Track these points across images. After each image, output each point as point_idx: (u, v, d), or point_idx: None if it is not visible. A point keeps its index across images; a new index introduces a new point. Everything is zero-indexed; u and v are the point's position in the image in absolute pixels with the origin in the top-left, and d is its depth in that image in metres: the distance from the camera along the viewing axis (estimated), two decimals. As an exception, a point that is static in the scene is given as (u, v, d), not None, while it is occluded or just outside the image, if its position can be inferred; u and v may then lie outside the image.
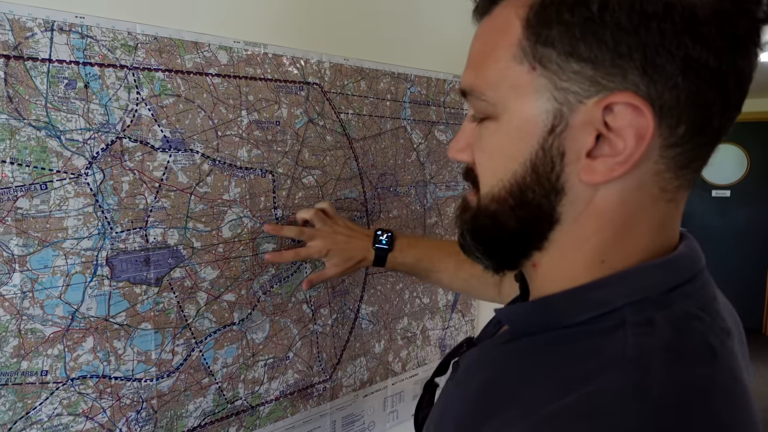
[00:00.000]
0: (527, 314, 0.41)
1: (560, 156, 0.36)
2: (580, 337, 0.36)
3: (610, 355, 0.33)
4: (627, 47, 0.32)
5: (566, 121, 0.35)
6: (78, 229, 0.65)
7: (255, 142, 0.80)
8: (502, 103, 0.37)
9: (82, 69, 0.64)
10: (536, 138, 0.36)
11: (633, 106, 0.33)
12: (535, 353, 0.38)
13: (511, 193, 0.38)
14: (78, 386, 0.66)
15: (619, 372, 0.32)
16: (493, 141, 0.39)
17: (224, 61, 0.76)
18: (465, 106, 1.16)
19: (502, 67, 0.37)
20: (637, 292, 0.35)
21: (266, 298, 0.84)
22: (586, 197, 0.36)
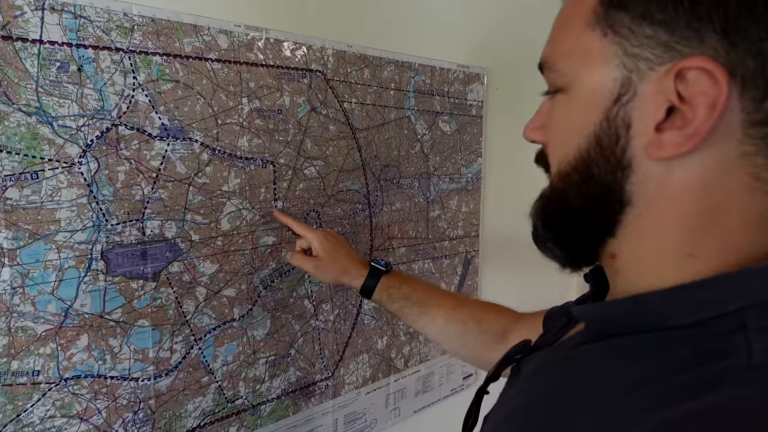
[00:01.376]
0: (616, 313, 0.36)
1: (626, 128, 0.33)
2: (687, 340, 0.31)
3: (731, 363, 0.28)
4: (706, 7, 0.29)
5: (634, 89, 0.32)
6: (71, 221, 0.61)
7: (256, 131, 0.77)
8: (573, 74, 0.35)
9: (75, 51, 0.60)
10: (602, 108, 0.34)
11: (707, 71, 0.30)
12: (627, 356, 0.34)
13: (576, 168, 0.35)
14: (72, 386, 0.63)
15: (743, 381, 0.27)
16: (562, 113, 0.37)
17: (224, 46, 0.72)
18: (470, 94, 1.13)
19: (576, 36, 0.35)
20: (759, 294, 0.30)
21: (267, 293, 0.81)
22: (658, 177, 0.33)
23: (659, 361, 0.31)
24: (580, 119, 0.35)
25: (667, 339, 0.32)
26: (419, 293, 0.76)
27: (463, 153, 1.14)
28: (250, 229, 0.78)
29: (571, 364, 0.38)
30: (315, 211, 0.86)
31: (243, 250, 0.77)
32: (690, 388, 0.28)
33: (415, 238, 1.05)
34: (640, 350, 0.33)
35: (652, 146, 0.32)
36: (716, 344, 0.30)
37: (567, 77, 0.36)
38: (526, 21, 1.29)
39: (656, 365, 0.31)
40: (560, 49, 0.37)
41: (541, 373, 0.41)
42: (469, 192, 1.17)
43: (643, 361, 0.32)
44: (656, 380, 0.30)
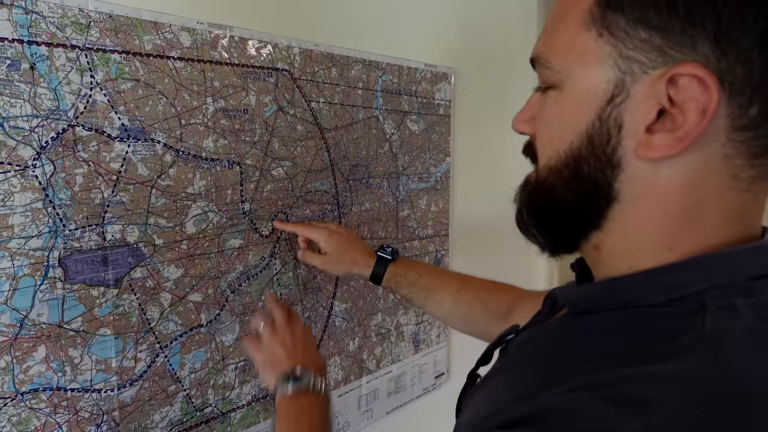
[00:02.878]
0: (592, 294, 0.39)
1: (617, 128, 0.34)
2: (653, 318, 0.34)
3: (688, 338, 0.31)
4: (700, 15, 0.30)
5: (627, 91, 0.33)
6: (25, 227, 0.58)
7: (221, 132, 0.75)
8: (567, 71, 0.36)
9: (27, 48, 0.57)
10: (594, 107, 0.35)
11: (698, 78, 0.31)
12: (596, 331, 0.37)
13: (566, 164, 0.37)
14: (29, 401, 0.60)
15: (695, 352, 0.30)
16: (554, 110, 0.37)
17: (187, 44, 0.70)
18: (437, 94, 1.14)
19: (571, 34, 0.35)
20: (720, 277, 0.33)
21: (235, 298, 0.79)
22: (645, 175, 0.34)
23: (624, 335, 0.34)
24: (572, 117, 0.36)
25: (635, 316, 0.35)
26: (425, 279, 0.79)
27: (432, 152, 1.14)
28: (216, 232, 0.76)
29: (548, 337, 0.42)
30: (283, 213, 0.84)
31: (209, 254, 0.75)
32: (651, 357, 0.31)
33: (385, 238, 1.04)
34: (609, 326, 0.36)
35: (642, 147, 0.33)
36: (679, 322, 0.33)
37: (560, 74, 0.36)
38: (493, 21, 1.31)
39: (621, 339, 0.34)
40: (554, 46, 0.37)
41: (522, 347, 0.44)
42: (438, 191, 1.17)
43: (609, 336, 0.35)
44: (618, 351, 0.33)
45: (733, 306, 0.32)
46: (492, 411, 0.36)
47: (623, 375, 0.31)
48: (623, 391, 0.30)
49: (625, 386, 0.30)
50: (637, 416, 0.28)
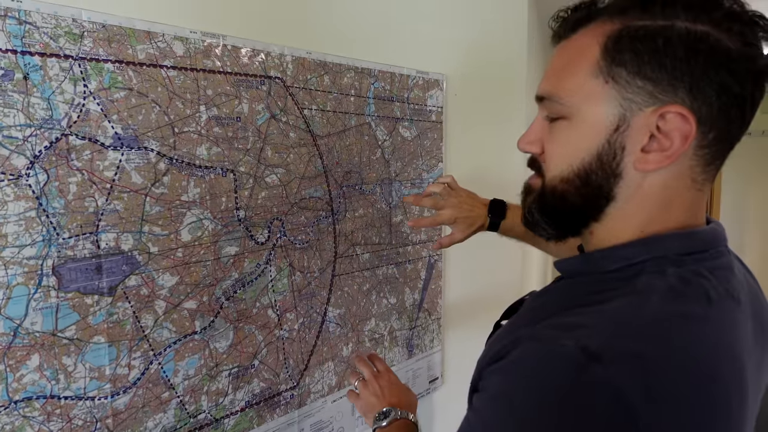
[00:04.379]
0: (573, 264, 0.53)
1: (621, 149, 0.46)
2: (609, 280, 0.47)
3: (626, 288, 0.44)
4: (680, 72, 0.43)
5: (628, 122, 0.45)
6: (19, 236, 0.59)
7: (215, 140, 0.76)
8: (576, 107, 0.47)
9: (21, 58, 0.58)
10: (604, 134, 0.46)
11: (682, 115, 0.43)
12: (573, 289, 0.51)
13: (578, 175, 0.48)
14: (22, 409, 0.60)
15: (625, 297, 0.43)
16: (566, 135, 0.49)
17: (180, 53, 0.71)
18: (429, 100, 1.14)
19: (581, 80, 0.47)
20: (657, 251, 0.46)
21: (229, 305, 0.80)
22: (636, 182, 0.47)
23: (585, 291, 0.47)
24: (585, 141, 0.47)
25: (596, 280, 0.48)
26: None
27: (424, 158, 1.15)
28: (212, 239, 0.76)
29: (545, 294, 0.55)
30: (278, 219, 0.85)
31: (204, 261, 0.75)
32: (596, 301, 0.44)
33: (378, 243, 1.05)
34: (578, 286, 0.50)
35: (638, 162, 0.46)
36: (623, 281, 0.45)
37: (570, 109, 0.48)
38: (484, 28, 1.32)
39: (583, 293, 0.47)
40: (564, 87, 0.48)
41: (531, 301, 0.57)
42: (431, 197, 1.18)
43: (576, 292, 0.49)
44: (577, 300, 0.46)
45: (663, 271, 0.44)
46: (488, 352, 0.47)
47: (572, 313, 0.44)
48: (566, 322, 0.43)
49: (569, 319, 0.43)
50: (569, 334, 0.40)
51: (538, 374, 0.40)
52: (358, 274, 1.02)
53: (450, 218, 0.91)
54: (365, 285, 1.04)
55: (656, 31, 0.43)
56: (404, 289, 1.13)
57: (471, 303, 1.32)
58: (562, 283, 0.55)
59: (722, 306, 0.44)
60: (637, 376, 0.38)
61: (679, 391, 0.38)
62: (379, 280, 1.07)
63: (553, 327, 0.43)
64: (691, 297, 0.43)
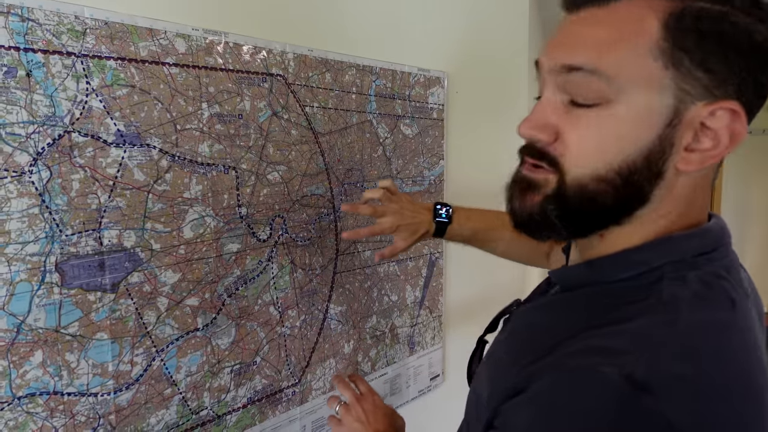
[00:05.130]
0: (577, 274, 0.47)
1: (670, 146, 0.41)
2: (623, 290, 0.42)
3: (651, 302, 0.40)
4: (738, 67, 0.39)
5: (680, 117, 0.40)
6: (22, 233, 0.59)
7: (216, 137, 0.76)
8: (624, 91, 0.40)
9: (24, 55, 0.58)
10: (656, 128, 0.40)
11: (733, 111, 0.40)
12: (582, 303, 0.45)
13: (619, 173, 0.41)
14: (26, 405, 0.60)
15: (653, 313, 0.39)
16: (604, 124, 0.41)
17: (182, 50, 0.71)
18: (431, 98, 1.15)
19: (636, 59, 0.40)
20: (673, 255, 0.43)
21: (231, 301, 0.80)
22: (671, 182, 0.42)
23: (597, 307, 0.43)
24: (632, 133, 0.41)
25: (606, 291, 0.44)
26: (481, 234, 0.89)
27: (425, 156, 1.15)
28: (214, 236, 0.76)
29: (542, 311, 0.50)
30: (280, 217, 0.85)
31: (207, 258, 0.76)
32: (621, 318, 0.39)
33: (380, 240, 1.05)
34: (585, 299, 0.45)
35: (682, 162, 0.41)
36: (643, 291, 0.41)
37: (616, 93, 0.40)
38: (485, 25, 1.32)
39: (601, 306, 0.42)
40: (611, 63, 0.40)
41: (523, 318, 0.52)
42: (432, 194, 1.18)
43: (586, 307, 0.44)
44: (592, 317, 0.41)
45: (684, 277, 0.41)
46: (496, 389, 0.44)
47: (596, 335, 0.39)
48: (594, 346, 0.38)
49: (594, 342, 0.38)
50: (606, 360, 0.36)
51: (580, 404, 0.36)
52: (360, 272, 1.02)
53: (391, 226, 0.82)
54: (366, 282, 1.04)
55: (719, 16, 0.38)
56: (405, 286, 1.14)
57: (472, 300, 1.32)
58: (562, 297, 0.49)
59: (743, 307, 0.42)
60: (686, 402, 0.35)
61: (724, 409, 0.36)
62: (381, 278, 1.07)
63: (582, 353, 0.38)
64: (717, 302, 0.40)
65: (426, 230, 0.85)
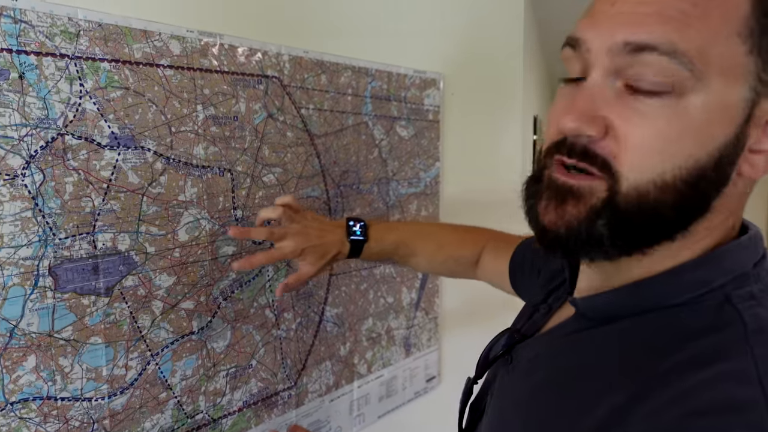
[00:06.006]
0: (618, 300, 0.39)
1: (742, 147, 0.34)
2: (687, 317, 0.35)
3: (732, 331, 0.32)
4: None
5: (753, 112, 0.34)
6: (15, 237, 0.58)
7: (212, 139, 0.75)
8: (705, 77, 0.32)
9: (16, 57, 0.57)
10: (734, 125, 0.33)
11: None
12: (631, 336, 0.37)
13: (687, 181, 0.34)
14: (19, 410, 0.60)
15: (748, 344, 0.32)
16: (675, 119, 0.33)
17: (177, 52, 0.71)
18: (426, 99, 1.15)
19: (724, 40, 0.32)
20: (735, 270, 0.36)
21: (227, 304, 0.79)
22: (731, 189, 0.36)
23: (660, 338, 0.35)
24: (706, 132, 0.33)
25: (664, 317, 0.36)
26: (402, 250, 0.80)
27: (421, 157, 1.15)
28: (209, 239, 0.76)
29: (580, 347, 0.40)
30: (276, 220, 0.85)
31: (202, 261, 0.75)
32: (695, 358, 0.32)
33: (375, 243, 1.05)
34: (642, 330, 0.36)
35: (746, 164, 0.35)
36: (709, 318, 0.34)
37: (694, 79, 0.32)
38: (480, 26, 1.32)
39: (658, 342, 0.34)
40: (694, 42, 0.32)
41: (546, 359, 0.42)
42: (428, 196, 1.18)
43: (645, 339, 0.35)
44: (659, 356, 0.33)
45: (752, 294, 0.34)
46: None
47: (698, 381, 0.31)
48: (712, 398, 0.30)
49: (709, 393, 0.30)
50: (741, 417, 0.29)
51: None
52: (356, 274, 1.02)
53: (294, 250, 0.70)
54: (362, 284, 1.04)
55: None
56: (401, 288, 1.13)
57: (468, 301, 1.32)
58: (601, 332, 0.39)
59: None
60: None
61: None
62: (377, 279, 1.07)
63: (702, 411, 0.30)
64: None
65: (338, 251, 0.74)
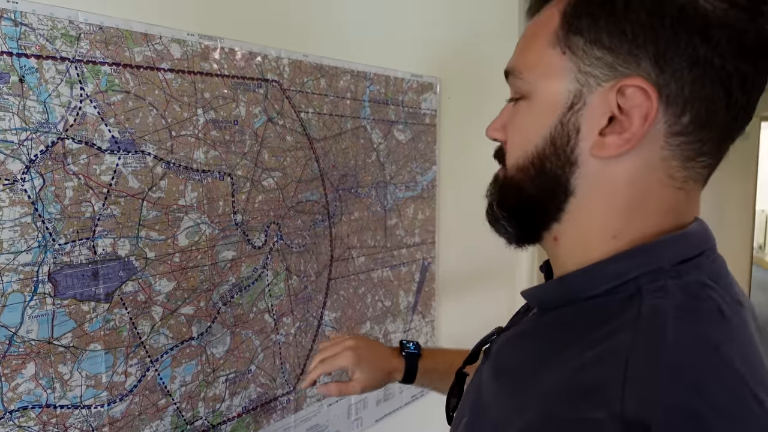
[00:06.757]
0: (548, 292, 0.46)
1: (576, 131, 0.40)
2: (599, 307, 0.39)
3: (627, 317, 0.36)
4: (643, 39, 0.37)
5: (584, 100, 0.39)
6: (15, 242, 0.57)
7: (212, 143, 0.75)
8: (535, 83, 0.42)
9: (16, 61, 0.56)
10: (557, 114, 0.40)
11: (642, 89, 0.37)
12: (559, 325, 0.42)
13: (532, 162, 0.42)
14: (18, 419, 0.59)
15: (633, 329, 0.35)
16: (523, 118, 0.43)
17: (177, 55, 0.70)
18: (423, 103, 1.15)
19: (539, 52, 0.41)
20: (651, 264, 0.39)
21: (226, 309, 0.79)
22: (596, 172, 0.40)
23: (576, 326, 0.40)
24: (538, 122, 0.42)
25: (583, 308, 0.41)
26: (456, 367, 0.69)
27: (418, 161, 1.15)
28: (209, 244, 0.75)
29: (520, 341, 0.47)
30: (275, 223, 0.84)
31: (202, 266, 0.75)
32: (595, 341, 0.36)
33: (373, 246, 1.05)
34: (562, 320, 0.42)
35: (595, 147, 0.39)
36: (618, 306, 0.38)
37: (530, 85, 0.42)
38: (476, 32, 1.33)
39: (573, 330, 0.40)
40: (525, 61, 0.43)
41: (506, 347, 0.49)
42: (425, 199, 1.18)
43: (564, 329, 0.41)
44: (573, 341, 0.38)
45: (665, 287, 0.37)
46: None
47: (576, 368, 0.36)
48: (578, 385, 0.35)
49: (578, 379, 0.35)
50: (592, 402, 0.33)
51: None
52: (354, 278, 1.01)
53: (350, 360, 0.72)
54: (360, 288, 1.03)
55: None
56: (398, 291, 1.13)
57: (464, 305, 1.33)
58: (538, 322, 0.46)
59: (739, 318, 0.37)
60: None
61: None
62: (374, 283, 1.07)
63: (567, 400, 0.34)
64: (705, 315, 0.36)
65: (392, 367, 0.75)
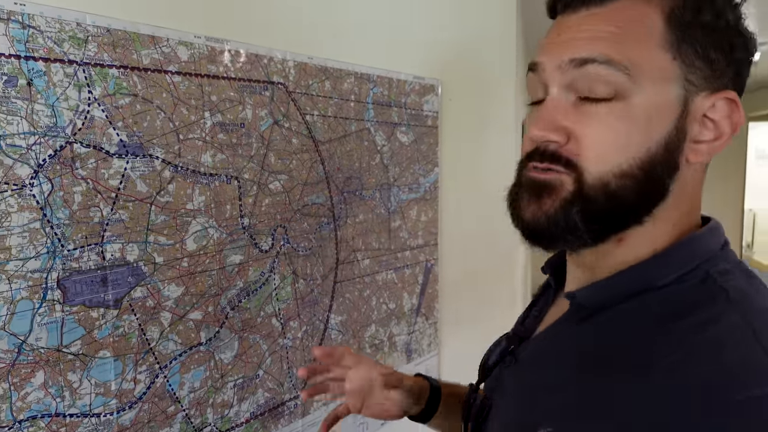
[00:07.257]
0: (611, 287, 0.44)
1: (683, 137, 0.42)
2: (678, 293, 0.41)
3: (719, 301, 0.39)
4: (733, 58, 0.42)
5: (688, 108, 0.42)
6: (23, 249, 0.56)
7: (219, 146, 0.74)
8: (639, 82, 0.41)
9: (24, 64, 0.55)
10: (672, 119, 0.41)
11: (732, 101, 0.42)
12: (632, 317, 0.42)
13: (642, 168, 0.41)
14: (27, 428, 0.57)
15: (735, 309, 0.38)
16: (623, 119, 0.41)
17: (185, 58, 0.69)
18: (425, 105, 1.15)
19: (648, 51, 0.41)
20: (708, 252, 0.43)
21: (234, 314, 0.78)
22: (686, 176, 0.43)
23: (659, 314, 0.40)
24: (650, 126, 0.41)
25: (659, 297, 0.41)
26: None
27: (421, 163, 1.15)
28: (217, 248, 0.74)
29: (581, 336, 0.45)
30: (282, 227, 0.84)
31: (210, 271, 0.74)
32: (693, 327, 0.38)
33: (378, 249, 1.05)
34: (640, 309, 0.42)
35: (692, 153, 0.42)
36: (696, 293, 0.40)
37: (633, 85, 0.40)
38: (477, 34, 1.33)
39: (657, 317, 0.40)
40: (630, 57, 0.40)
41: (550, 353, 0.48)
42: (428, 201, 1.18)
43: (645, 317, 0.41)
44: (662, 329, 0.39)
45: (728, 271, 0.41)
46: None
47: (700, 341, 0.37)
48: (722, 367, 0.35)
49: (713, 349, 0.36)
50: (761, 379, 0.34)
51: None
52: (359, 280, 1.01)
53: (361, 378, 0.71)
54: (366, 291, 1.03)
55: (717, 9, 0.41)
56: (402, 293, 1.13)
57: (467, 306, 1.32)
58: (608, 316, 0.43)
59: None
60: None
61: None
62: (379, 286, 1.06)
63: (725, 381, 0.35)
64: (763, 289, 0.41)
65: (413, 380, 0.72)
